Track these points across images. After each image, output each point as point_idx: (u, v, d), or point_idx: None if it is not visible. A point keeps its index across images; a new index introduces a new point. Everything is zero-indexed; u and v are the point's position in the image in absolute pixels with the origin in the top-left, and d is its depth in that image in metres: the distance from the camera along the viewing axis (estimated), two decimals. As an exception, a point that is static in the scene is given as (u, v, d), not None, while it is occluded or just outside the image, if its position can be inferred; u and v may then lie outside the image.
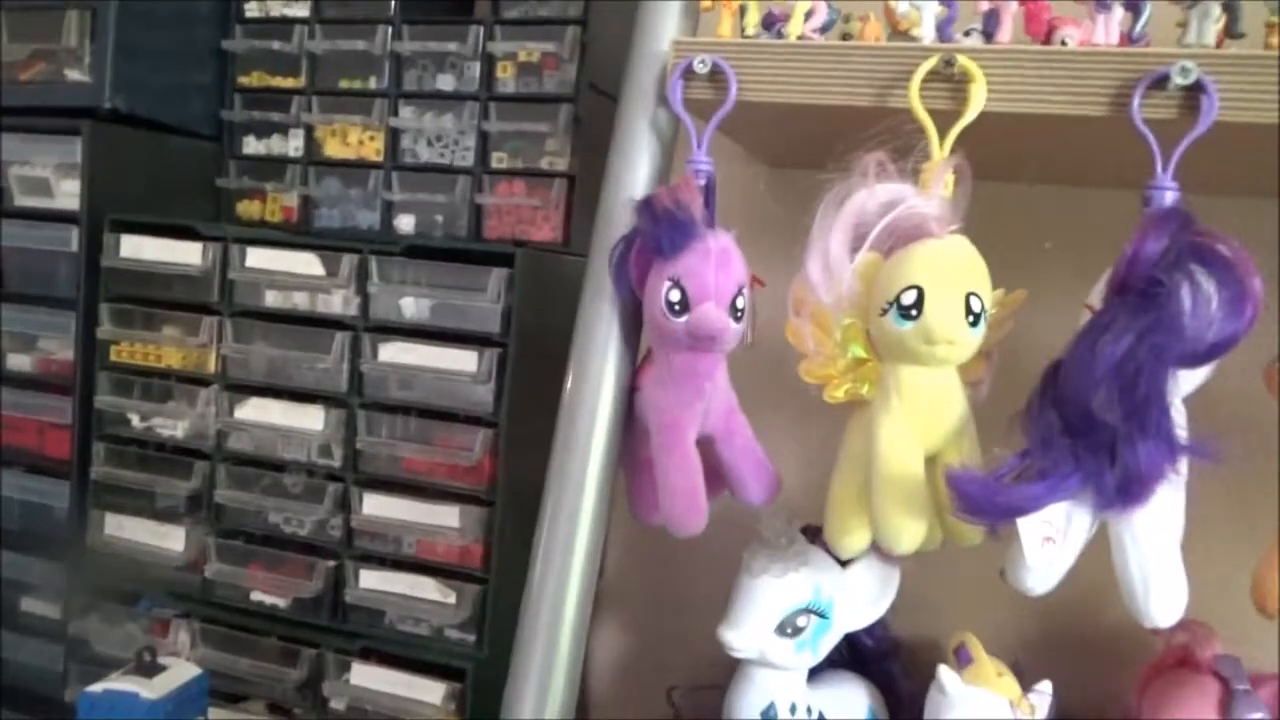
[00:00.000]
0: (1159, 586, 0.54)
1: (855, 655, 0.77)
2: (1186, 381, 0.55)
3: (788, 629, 0.67)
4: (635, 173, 0.68)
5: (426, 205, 0.95)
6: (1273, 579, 0.59)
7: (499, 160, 0.93)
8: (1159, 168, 0.55)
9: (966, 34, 0.64)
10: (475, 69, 0.93)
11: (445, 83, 0.94)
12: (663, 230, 0.60)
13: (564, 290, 0.74)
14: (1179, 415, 0.54)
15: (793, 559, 0.68)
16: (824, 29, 0.66)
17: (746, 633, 0.68)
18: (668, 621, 0.99)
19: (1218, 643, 0.68)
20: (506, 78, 0.92)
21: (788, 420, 0.77)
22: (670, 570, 0.98)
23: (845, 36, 0.68)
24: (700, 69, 0.64)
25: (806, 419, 0.75)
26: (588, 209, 0.72)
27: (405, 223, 0.96)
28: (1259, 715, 0.63)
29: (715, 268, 0.61)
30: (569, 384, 0.67)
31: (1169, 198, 0.55)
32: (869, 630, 0.73)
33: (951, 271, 0.56)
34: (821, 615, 0.68)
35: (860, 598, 0.69)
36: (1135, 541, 0.53)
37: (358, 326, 0.86)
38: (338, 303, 0.87)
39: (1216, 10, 0.58)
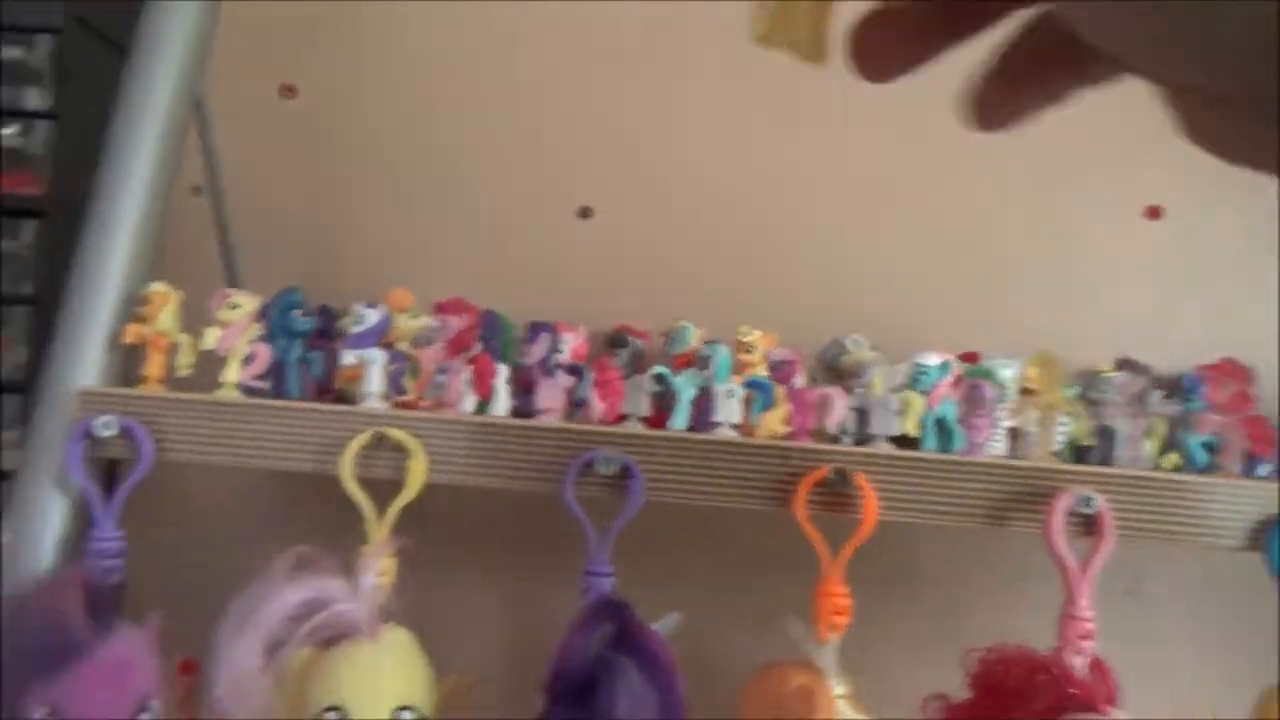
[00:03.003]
0: None
1: None
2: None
3: None
4: (38, 544, 0.55)
5: None
6: None
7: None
8: (594, 552, 0.55)
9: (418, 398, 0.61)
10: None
11: None
12: (30, 650, 0.48)
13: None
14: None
15: None
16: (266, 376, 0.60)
17: None
18: None
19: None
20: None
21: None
22: None
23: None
24: (104, 432, 0.54)
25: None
26: None
27: None
28: None
29: (103, 688, 0.49)
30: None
31: (606, 584, 0.54)
32: None
33: (376, 685, 0.50)
34: None
35: None
36: None
37: None
38: None
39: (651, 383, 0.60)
